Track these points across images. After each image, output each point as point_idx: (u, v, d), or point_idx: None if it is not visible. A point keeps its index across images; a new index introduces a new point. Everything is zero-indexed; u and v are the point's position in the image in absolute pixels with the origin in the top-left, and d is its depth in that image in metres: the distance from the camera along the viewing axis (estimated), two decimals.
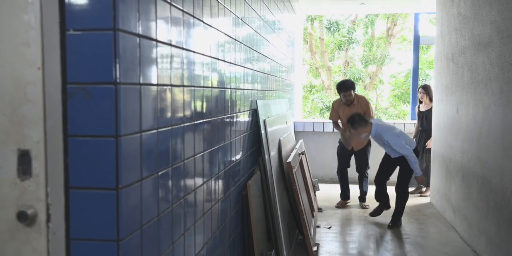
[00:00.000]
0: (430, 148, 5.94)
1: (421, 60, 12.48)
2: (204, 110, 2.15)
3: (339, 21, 14.01)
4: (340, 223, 4.83)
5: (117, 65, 1.29)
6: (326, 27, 13.92)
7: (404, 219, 4.83)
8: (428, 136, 6.02)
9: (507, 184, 3.26)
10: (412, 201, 5.68)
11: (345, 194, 5.58)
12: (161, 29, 1.60)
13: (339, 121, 5.54)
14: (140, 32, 1.42)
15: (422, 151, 6.00)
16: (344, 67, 14.93)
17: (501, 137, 3.40)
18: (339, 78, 14.89)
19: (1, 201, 1.32)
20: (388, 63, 14.90)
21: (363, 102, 5.34)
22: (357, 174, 5.56)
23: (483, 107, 3.83)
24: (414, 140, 6.02)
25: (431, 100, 6.04)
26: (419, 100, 6.25)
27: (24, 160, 1.31)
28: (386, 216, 4.87)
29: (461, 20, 4.58)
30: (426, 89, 6.14)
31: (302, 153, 4.92)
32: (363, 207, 5.45)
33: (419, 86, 6.39)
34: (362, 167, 5.49)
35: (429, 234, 4.47)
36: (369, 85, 14.93)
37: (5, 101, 1.31)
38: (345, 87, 5.25)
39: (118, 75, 1.29)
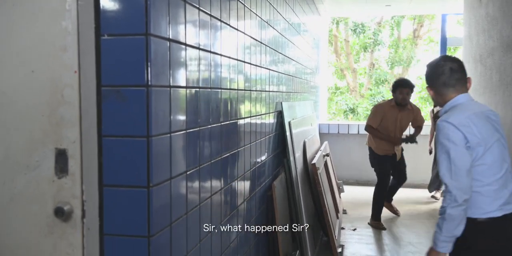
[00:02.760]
0: None
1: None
2: (231, 112, 2.20)
3: (365, 23, 13.92)
4: (365, 225, 4.81)
5: (149, 69, 1.35)
6: (351, 29, 13.86)
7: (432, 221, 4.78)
8: None
9: None
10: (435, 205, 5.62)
11: (380, 214, 4.81)
12: (190, 33, 1.65)
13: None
14: (170, 37, 1.48)
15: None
16: (370, 69, 14.82)
17: None
18: (364, 80, 14.79)
19: (40, 197, 1.40)
20: (415, 65, 14.71)
21: (416, 109, 4.87)
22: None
23: None
24: (431, 145, 5.69)
25: None
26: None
27: (61, 158, 1.38)
28: (419, 220, 4.82)
29: (490, 21, 4.52)
30: None
31: (327, 155, 4.93)
32: (394, 211, 5.15)
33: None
34: (402, 177, 4.96)
35: None
36: None
37: (44, 103, 1.39)
38: (405, 83, 4.65)
39: (149, 78, 1.35)
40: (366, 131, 4.90)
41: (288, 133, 3.41)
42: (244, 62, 2.44)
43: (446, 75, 2.08)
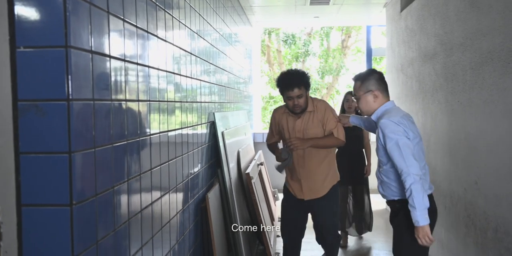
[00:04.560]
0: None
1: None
2: (161, 124, 2.17)
3: (295, 33, 14.30)
4: None
5: (69, 82, 1.30)
6: (282, 40, 14.18)
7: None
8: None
9: (454, 189, 3.42)
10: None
11: None
12: (114, 45, 1.62)
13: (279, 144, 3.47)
14: (93, 48, 1.44)
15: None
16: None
17: (447, 144, 3.58)
18: None
19: None
20: (344, 74, 15.30)
21: (322, 106, 3.21)
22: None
23: (431, 115, 4.02)
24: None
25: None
26: (347, 107, 4.52)
27: None
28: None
29: (409, 33, 4.81)
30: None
31: (261, 164, 4.98)
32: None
33: (346, 92, 4.66)
34: (328, 232, 3.34)
35: (384, 236, 4.61)
36: (326, 96, 15.26)
37: None
38: (291, 82, 3.11)
39: (70, 92, 1.30)
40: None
41: (221, 144, 3.41)
42: (174, 73, 2.42)
43: (384, 82, 2.58)
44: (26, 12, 1.29)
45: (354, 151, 4.50)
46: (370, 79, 2.54)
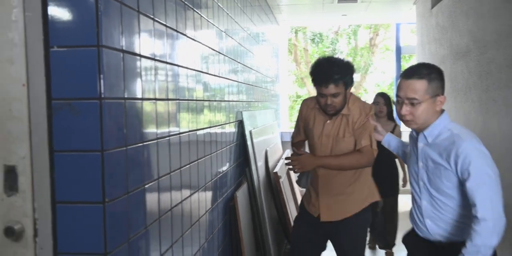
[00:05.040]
0: None
1: (403, 69, 12.68)
2: (190, 123, 2.18)
3: (322, 32, 14.21)
4: None
5: (101, 81, 1.31)
6: (310, 39, 14.10)
7: None
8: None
9: None
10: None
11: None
12: (145, 44, 1.63)
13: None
14: (124, 48, 1.45)
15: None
16: None
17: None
18: None
19: None
20: (372, 72, 15.10)
21: (357, 113, 2.48)
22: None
23: (464, 114, 3.91)
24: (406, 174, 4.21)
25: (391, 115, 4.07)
26: (378, 111, 4.04)
27: (10, 176, 1.32)
28: None
29: (440, 30, 4.70)
30: (387, 99, 4.10)
31: None
32: None
33: (377, 94, 4.24)
34: None
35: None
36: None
37: None
38: (326, 75, 2.40)
39: (102, 91, 1.31)
40: None
41: (249, 143, 3.41)
42: (203, 72, 2.43)
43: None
44: (59, 12, 1.31)
45: (386, 159, 3.82)
46: (438, 79, 1.90)
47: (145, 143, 1.61)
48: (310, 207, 2.62)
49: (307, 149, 2.82)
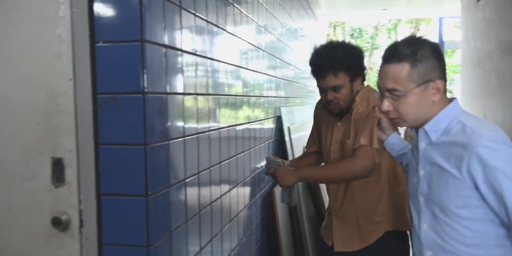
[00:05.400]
0: None
1: (446, 65, 12.31)
2: (229, 118, 2.18)
3: (362, 27, 13.98)
4: None
5: (145, 75, 1.33)
6: (348, 34, 13.92)
7: None
8: None
9: None
10: None
11: None
12: (186, 39, 1.64)
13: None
14: (166, 43, 1.47)
15: None
16: (368, 73, 14.88)
17: None
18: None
19: (37, 207, 1.37)
20: None
21: (360, 111, 1.98)
22: None
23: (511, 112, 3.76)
24: None
25: None
26: None
27: (57, 168, 1.36)
28: None
29: (487, 24, 4.53)
30: None
31: None
32: None
33: None
34: None
35: None
36: None
37: (39, 111, 1.37)
38: (318, 66, 2.07)
39: (145, 85, 1.33)
40: None
41: (287, 138, 3.39)
42: (242, 67, 2.43)
43: (444, 62, 1.48)
44: (104, 8, 1.34)
45: None
46: (428, 58, 1.39)
47: (186, 138, 1.62)
48: (324, 234, 2.16)
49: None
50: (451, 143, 1.37)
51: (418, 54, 1.38)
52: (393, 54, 1.42)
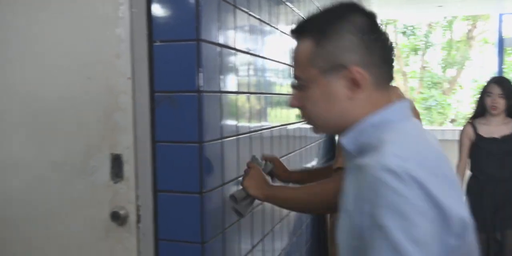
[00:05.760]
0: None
1: (505, 63, 11.72)
2: (281, 117, 2.17)
3: (414, 24, 13.58)
4: None
5: (200, 74, 1.35)
6: (400, 32, 13.55)
7: None
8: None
9: None
10: None
11: None
12: (239, 38, 1.65)
13: None
14: (221, 42, 1.48)
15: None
16: (421, 72, 14.41)
17: None
18: (415, 84, 14.38)
19: (97, 202, 1.42)
20: (469, 67, 14.15)
21: None
22: None
23: None
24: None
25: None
26: (491, 106, 2.98)
27: (116, 164, 1.40)
28: None
29: None
30: (507, 88, 2.96)
31: None
32: None
33: (489, 80, 3.15)
34: None
35: None
36: (448, 91, 14.26)
37: (100, 109, 1.42)
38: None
39: (201, 84, 1.35)
40: None
41: (337, 138, 3.34)
42: (292, 67, 2.41)
43: (387, 44, 1.07)
44: (162, 8, 1.37)
45: (507, 177, 2.86)
46: (342, 34, 0.94)
47: (239, 136, 1.63)
48: None
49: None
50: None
51: (328, 27, 0.95)
52: (298, 27, 1.05)
